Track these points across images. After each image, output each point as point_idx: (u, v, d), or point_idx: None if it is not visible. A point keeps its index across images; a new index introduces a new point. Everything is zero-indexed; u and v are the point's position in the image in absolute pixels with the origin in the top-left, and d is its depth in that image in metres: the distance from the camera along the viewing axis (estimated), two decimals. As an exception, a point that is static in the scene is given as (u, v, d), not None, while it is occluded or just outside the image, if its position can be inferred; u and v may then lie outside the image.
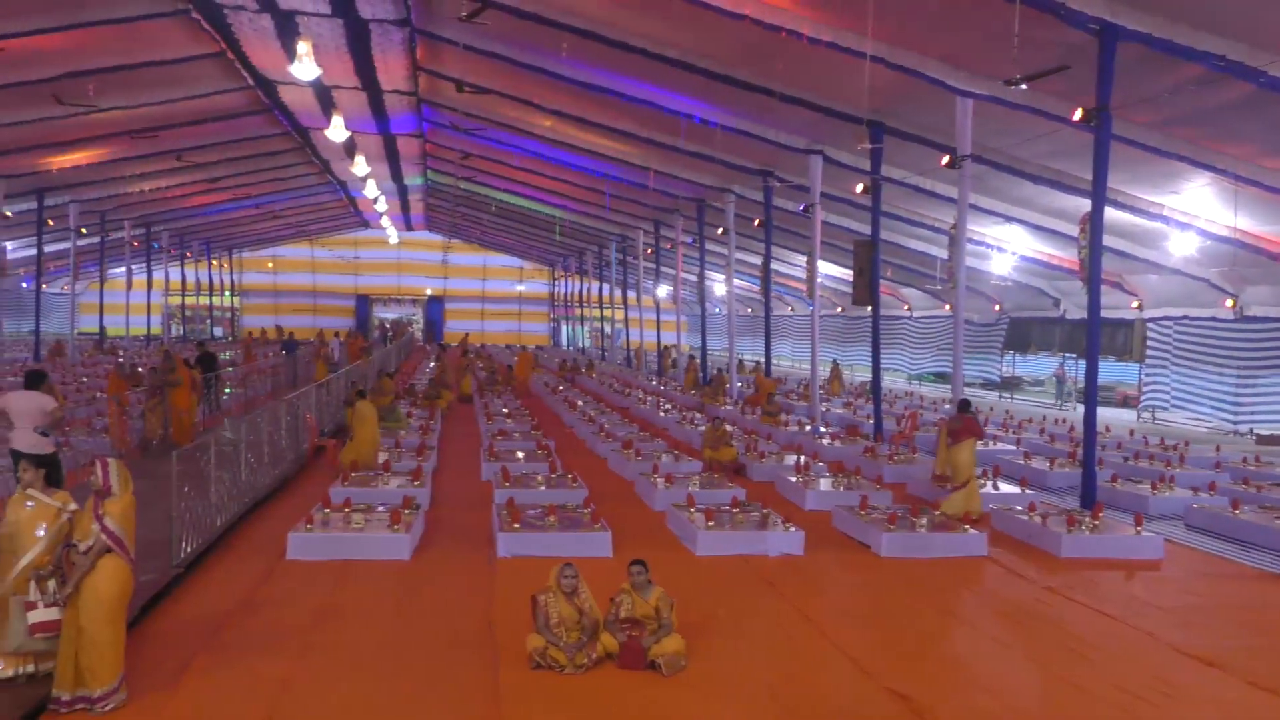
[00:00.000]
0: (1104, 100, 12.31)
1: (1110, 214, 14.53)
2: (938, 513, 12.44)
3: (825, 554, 11.21)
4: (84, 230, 35.96)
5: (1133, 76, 12.67)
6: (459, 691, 6.96)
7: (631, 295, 42.48)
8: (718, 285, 40.60)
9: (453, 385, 26.32)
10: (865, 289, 19.45)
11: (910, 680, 7.34)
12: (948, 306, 31.07)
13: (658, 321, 39.08)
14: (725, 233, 27.00)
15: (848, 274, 29.06)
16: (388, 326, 59.39)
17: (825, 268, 29.65)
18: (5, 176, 27.73)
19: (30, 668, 6.55)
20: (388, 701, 6.76)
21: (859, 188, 19.06)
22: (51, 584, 6.42)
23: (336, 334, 42.16)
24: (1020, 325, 30.63)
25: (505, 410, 22.81)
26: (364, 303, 61.03)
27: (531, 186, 34.64)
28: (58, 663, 6.31)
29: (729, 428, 18.28)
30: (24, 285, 42.49)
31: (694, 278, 34.43)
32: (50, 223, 33.03)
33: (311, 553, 10.24)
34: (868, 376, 26.91)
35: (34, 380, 10.92)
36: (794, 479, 14.73)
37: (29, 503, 6.66)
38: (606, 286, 46.42)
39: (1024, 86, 12.83)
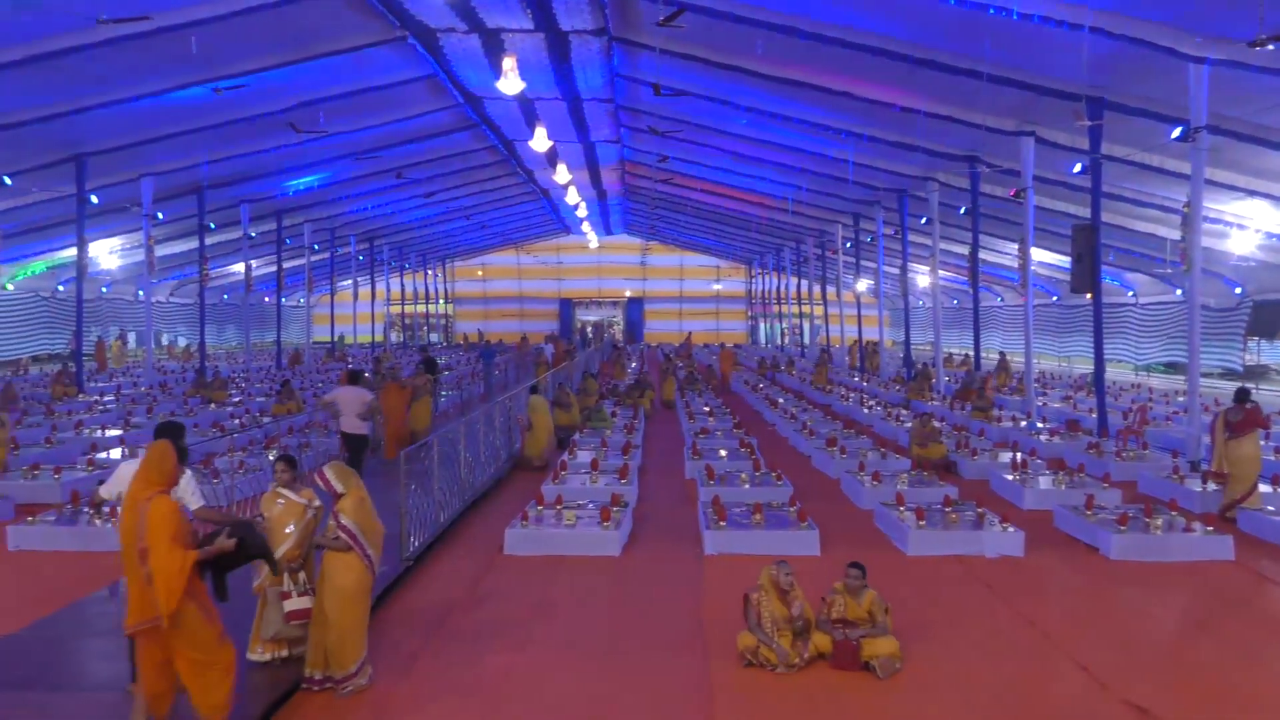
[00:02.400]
0: (1366, 56, 11.04)
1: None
2: (1229, 514, 11.93)
3: (1047, 555, 10.64)
4: (316, 247, 39.06)
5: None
6: (672, 687, 7.05)
7: (831, 290, 41.75)
8: (921, 277, 39.29)
9: (655, 387, 26.70)
10: (1085, 275, 18.24)
11: (1149, 692, 6.84)
12: (1179, 291, 28.73)
13: (858, 316, 38.25)
14: (929, 222, 26.09)
15: (1063, 260, 27.41)
16: (588, 329, 61.03)
17: (1038, 254, 28.08)
18: (250, 200, 30.55)
19: (284, 653, 7.16)
20: (603, 695, 6.95)
21: (1076, 168, 17.93)
22: (302, 575, 7.03)
23: (547, 338, 43.65)
24: (1268, 308, 27.87)
25: (707, 409, 22.94)
26: (567, 306, 62.99)
27: (728, 185, 34.69)
28: (309, 646, 6.87)
29: (937, 424, 17.67)
30: (266, 299, 46.49)
31: (896, 270, 33.44)
32: (287, 241, 36.08)
33: (527, 548, 10.66)
34: (1089, 369, 25.29)
35: (354, 378, 14.20)
36: (1010, 477, 14.06)
37: (280, 500, 7.27)
38: (804, 282, 45.84)
39: (1271, 47, 11.67)
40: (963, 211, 23.95)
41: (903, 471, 14.71)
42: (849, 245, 36.60)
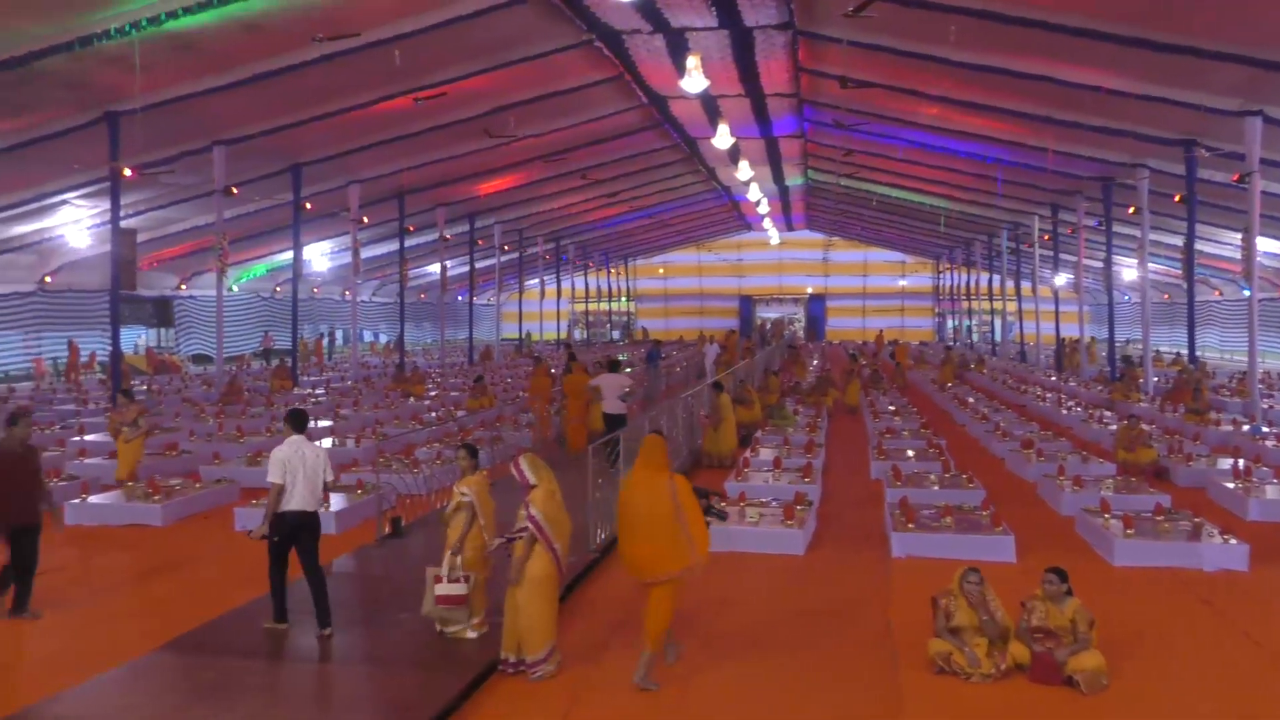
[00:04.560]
0: None
1: None
2: None
3: (1276, 571, 9.77)
4: (506, 247, 40.55)
5: None
6: (860, 691, 6.91)
7: (1025, 285, 39.77)
8: (1126, 271, 36.84)
9: (839, 387, 26.19)
10: (1320, 267, 16.65)
11: (1401, 729, 6.17)
12: None
13: (1056, 312, 36.25)
14: (1137, 212, 24.40)
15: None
16: (767, 326, 60.57)
17: (1265, 245, 25.75)
18: (446, 204, 32.06)
19: (437, 629, 7.57)
20: (789, 694, 6.88)
21: (1310, 149, 16.36)
22: (459, 560, 7.40)
23: (711, 338, 43.69)
24: None
25: (892, 408, 22.34)
26: (747, 303, 62.76)
27: (915, 178, 33.64)
28: (504, 630, 7.15)
29: (1146, 427, 16.54)
30: (459, 298, 48.66)
31: (1098, 264, 31.48)
32: (479, 242, 37.64)
33: (710, 543, 10.63)
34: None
35: (614, 366, 16.75)
36: (1231, 485, 13.00)
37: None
38: (997, 277, 43.86)
39: None
40: (1176, 199, 22.28)
41: (1107, 477, 13.88)
42: (1046, 238, 34.76)
